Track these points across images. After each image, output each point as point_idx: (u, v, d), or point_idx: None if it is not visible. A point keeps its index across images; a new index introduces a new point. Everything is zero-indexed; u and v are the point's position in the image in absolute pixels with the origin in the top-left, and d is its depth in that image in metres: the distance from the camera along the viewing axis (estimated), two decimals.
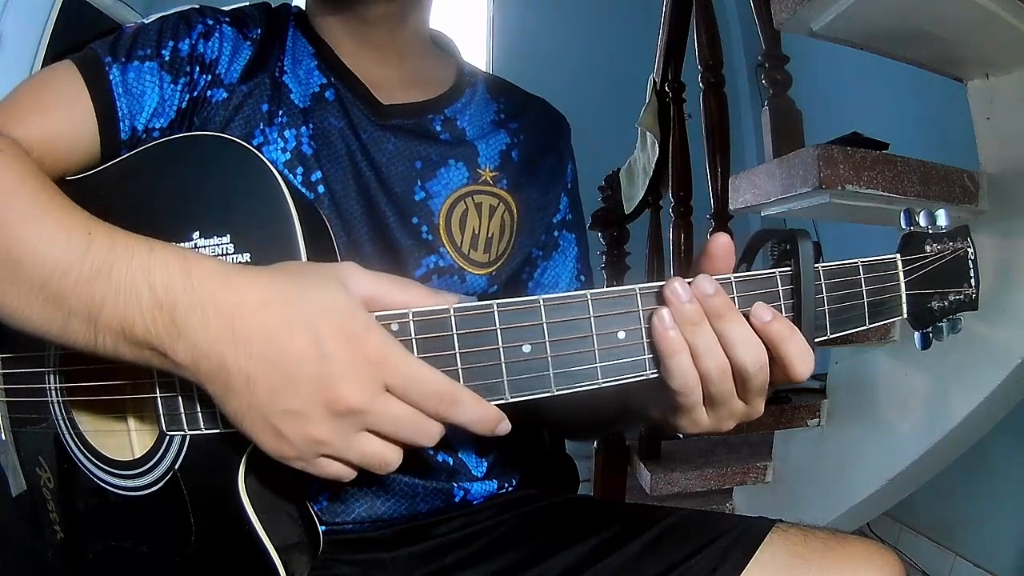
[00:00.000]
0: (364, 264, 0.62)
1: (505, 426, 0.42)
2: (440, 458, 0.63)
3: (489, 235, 0.65)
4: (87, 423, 0.51)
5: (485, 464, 0.66)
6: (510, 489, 0.68)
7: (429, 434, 0.41)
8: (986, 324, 1.20)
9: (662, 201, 2.00)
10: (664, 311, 0.42)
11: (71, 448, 0.52)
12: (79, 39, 0.59)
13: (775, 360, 0.44)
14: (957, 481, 1.67)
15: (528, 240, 0.68)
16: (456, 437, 0.64)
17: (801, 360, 0.44)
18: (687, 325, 0.42)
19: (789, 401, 1.57)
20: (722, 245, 0.46)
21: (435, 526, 0.63)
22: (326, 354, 0.38)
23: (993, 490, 1.69)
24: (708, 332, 0.43)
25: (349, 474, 0.42)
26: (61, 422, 0.52)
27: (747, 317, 0.44)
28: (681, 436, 0.53)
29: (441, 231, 0.63)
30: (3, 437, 0.55)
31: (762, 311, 0.44)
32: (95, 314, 0.40)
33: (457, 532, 0.63)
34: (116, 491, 0.50)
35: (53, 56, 0.60)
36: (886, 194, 1.13)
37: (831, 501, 1.53)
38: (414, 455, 0.61)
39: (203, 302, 0.38)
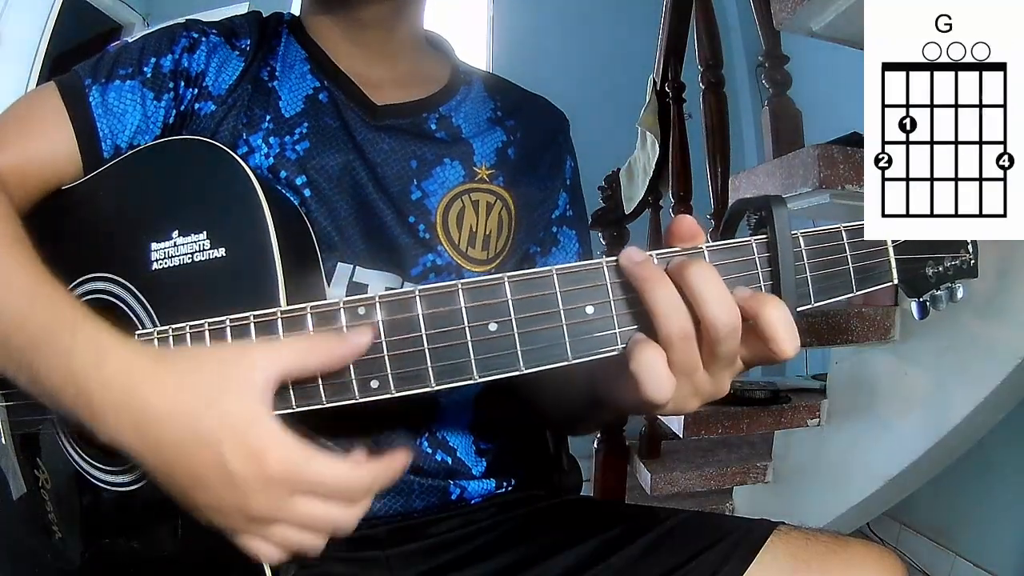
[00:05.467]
0: (361, 263, 0.61)
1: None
2: (439, 457, 0.63)
3: (487, 232, 0.65)
4: None
5: (484, 464, 0.66)
6: (509, 489, 0.68)
7: (345, 526, 0.43)
8: (986, 324, 1.20)
9: (662, 201, 1.99)
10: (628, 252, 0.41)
11: (66, 447, 0.52)
12: (79, 40, 0.59)
13: (756, 333, 0.41)
14: (957, 481, 1.67)
15: (526, 237, 0.68)
16: (455, 437, 0.64)
17: (784, 327, 0.40)
18: (643, 283, 0.40)
19: (789, 401, 1.57)
20: (687, 226, 0.43)
21: (432, 525, 0.62)
22: (231, 471, 0.39)
23: (993, 490, 1.69)
24: (670, 289, 0.40)
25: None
26: (57, 421, 0.52)
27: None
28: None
29: (438, 229, 0.63)
30: (2, 441, 0.55)
31: (741, 290, 0.41)
32: (35, 379, 0.43)
33: (454, 531, 0.62)
34: (107, 487, 0.50)
35: (53, 56, 0.61)
36: None
37: (831, 501, 1.53)
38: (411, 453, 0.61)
39: (112, 404, 0.40)
